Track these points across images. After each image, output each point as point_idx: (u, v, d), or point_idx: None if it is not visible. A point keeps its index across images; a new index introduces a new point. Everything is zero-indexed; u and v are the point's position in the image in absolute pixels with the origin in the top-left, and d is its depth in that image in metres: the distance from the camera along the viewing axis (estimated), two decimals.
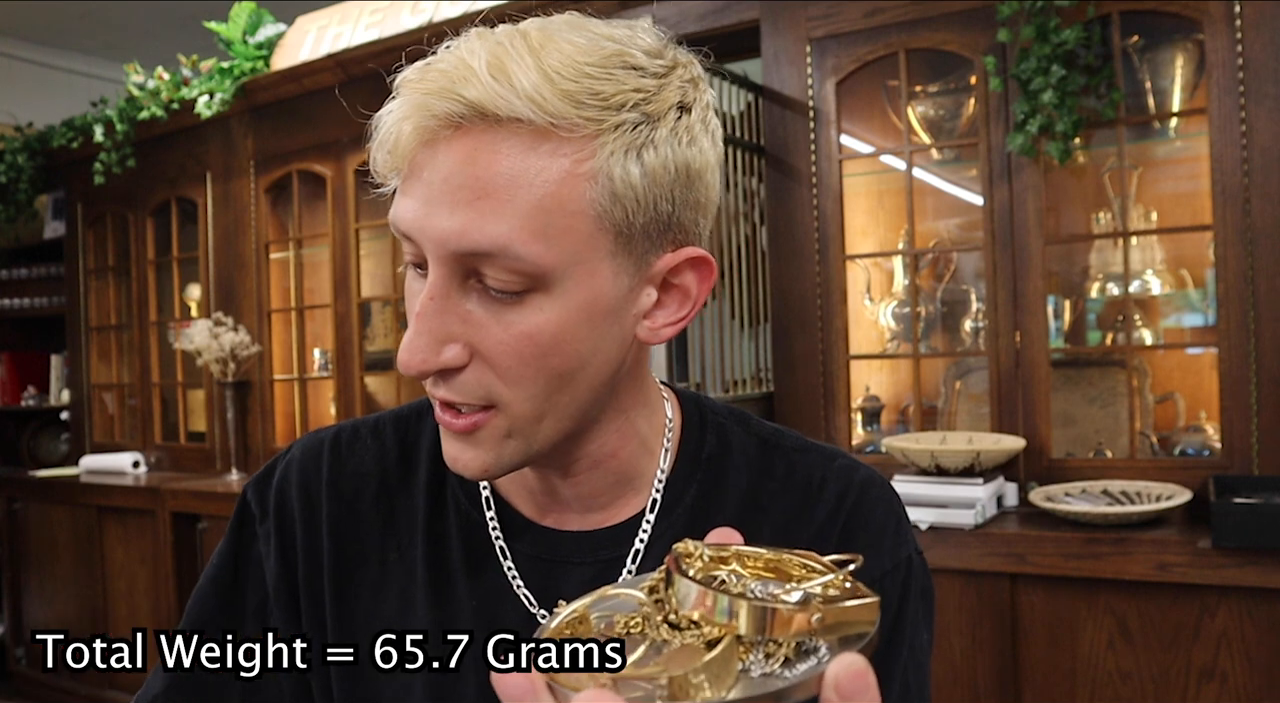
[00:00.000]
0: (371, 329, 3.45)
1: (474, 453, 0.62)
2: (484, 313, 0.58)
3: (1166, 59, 2.26)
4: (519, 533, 0.72)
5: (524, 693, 0.36)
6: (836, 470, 0.74)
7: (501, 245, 0.55)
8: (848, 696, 0.35)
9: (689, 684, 0.36)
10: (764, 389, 2.63)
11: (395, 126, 0.57)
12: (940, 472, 2.10)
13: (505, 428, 0.61)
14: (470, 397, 0.60)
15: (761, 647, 0.39)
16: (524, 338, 0.58)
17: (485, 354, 0.59)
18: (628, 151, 0.57)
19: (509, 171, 0.55)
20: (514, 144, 0.55)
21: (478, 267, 0.57)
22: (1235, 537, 1.75)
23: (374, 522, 0.74)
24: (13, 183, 4.15)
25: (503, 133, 0.55)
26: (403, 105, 0.57)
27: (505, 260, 0.56)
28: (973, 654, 1.99)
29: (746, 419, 0.77)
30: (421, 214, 0.57)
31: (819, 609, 0.38)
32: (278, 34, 3.49)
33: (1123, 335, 2.30)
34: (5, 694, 3.99)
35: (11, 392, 4.54)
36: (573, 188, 0.56)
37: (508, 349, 0.58)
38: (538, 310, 0.58)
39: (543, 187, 0.55)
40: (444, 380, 0.60)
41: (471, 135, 0.56)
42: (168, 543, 3.35)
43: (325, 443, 0.77)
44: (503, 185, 0.55)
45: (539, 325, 0.58)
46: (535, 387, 0.60)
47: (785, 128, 2.50)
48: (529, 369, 0.59)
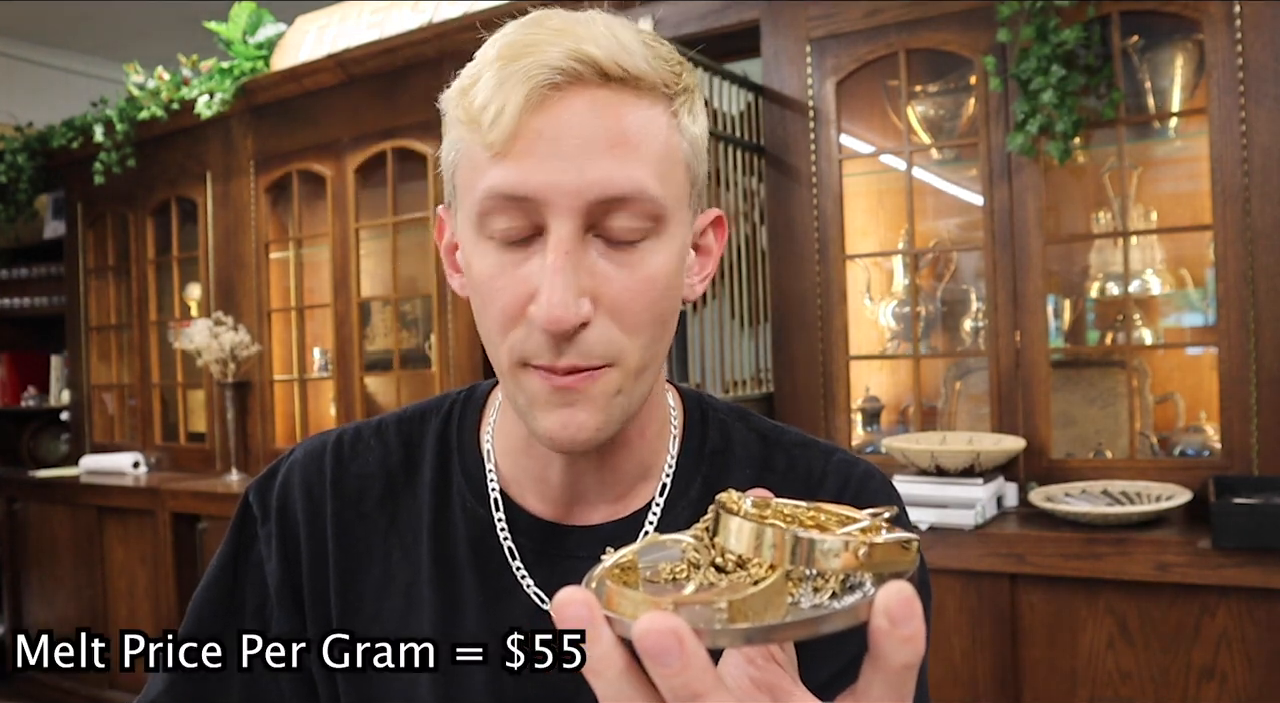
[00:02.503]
0: (371, 329, 3.45)
1: (586, 413, 0.62)
2: (607, 264, 0.61)
3: (1166, 59, 2.26)
4: (527, 530, 0.72)
5: (583, 623, 0.36)
6: (835, 464, 0.75)
7: (641, 188, 0.59)
8: (897, 620, 0.35)
9: (748, 608, 0.36)
10: (764, 389, 2.63)
11: (498, 95, 0.58)
12: (940, 472, 2.10)
13: (618, 383, 0.62)
14: (594, 356, 0.61)
15: (810, 581, 0.40)
16: (647, 281, 0.61)
17: (610, 303, 0.61)
18: (690, 113, 0.64)
19: (633, 122, 0.60)
20: (627, 98, 0.60)
21: (606, 216, 0.60)
22: (1235, 537, 1.75)
23: (378, 522, 0.74)
24: (13, 183, 4.15)
25: (615, 88, 0.59)
26: (509, 72, 0.58)
27: (640, 203, 0.60)
28: (973, 654, 1.99)
29: (747, 415, 0.79)
30: (553, 170, 0.58)
31: (864, 543, 0.38)
32: (278, 34, 3.49)
33: (1123, 335, 2.30)
34: (5, 694, 3.99)
35: (11, 392, 4.54)
36: (672, 138, 0.62)
37: (634, 295, 0.61)
38: (654, 253, 0.62)
39: (657, 134, 0.61)
40: (569, 344, 0.60)
41: (586, 93, 0.59)
42: (168, 543, 3.35)
43: (328, 445, 0.77)
44: (630, 134, 0.59)
45: (658, 267, 0.62)
46: (650, 333, 0.63)
47: (785, 128, 2.50)
48: (648, 314, 0.62)
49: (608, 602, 0.38)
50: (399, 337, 3.32)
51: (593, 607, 0.37)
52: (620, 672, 0.37)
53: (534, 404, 0.63)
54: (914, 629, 0.36)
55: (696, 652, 0.34)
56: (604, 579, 0.41)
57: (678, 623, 0.34)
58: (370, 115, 3.17)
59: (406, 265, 3.23)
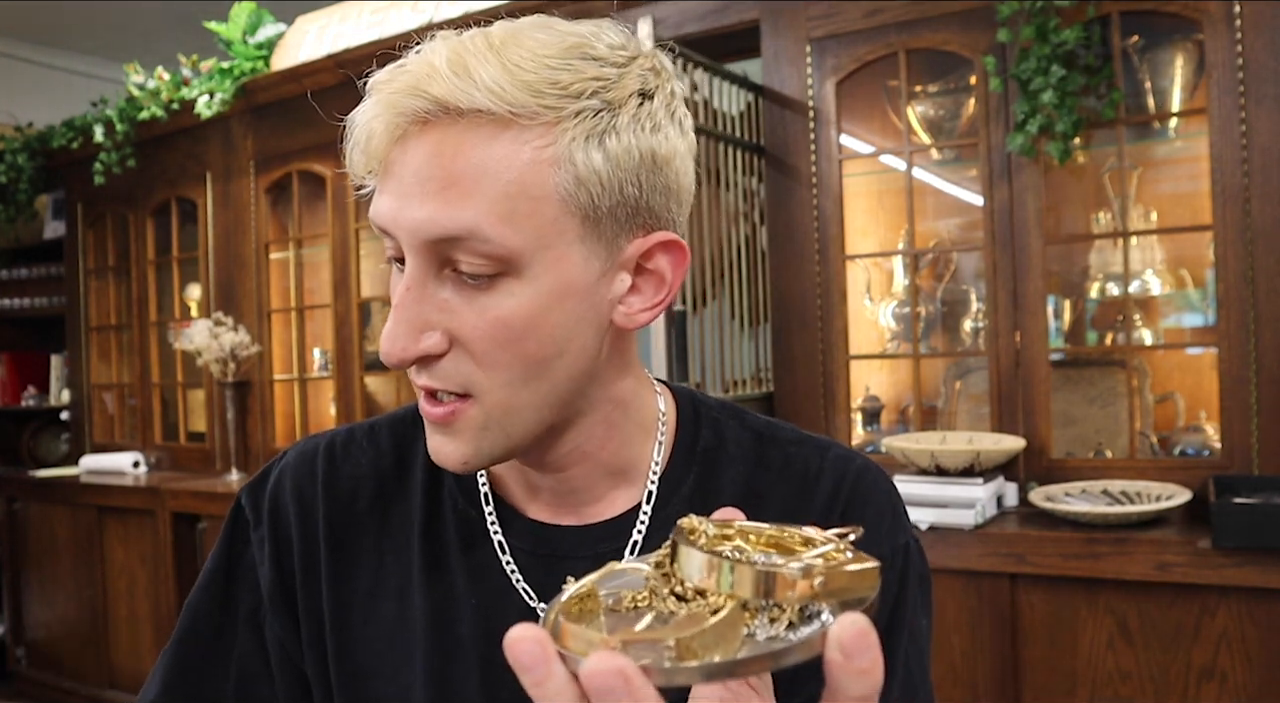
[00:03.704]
0: (371, 329, 3.45)
1: (453, 445, 0.63)
2: (459, 300, 0.60)
3: (1166, 59, 2.26)
4: (517, 529, 0.72)
5: (536, 661, 0.37)
6: (832, 460, 0.75)
7: (470, 229, 0.58)
8: (851, 654, 0.36)
9: (696, 646, 0.36)
10: (764, 389, 2.63)
11: (366, 127, 0.60)
12: (940, 472, 2.10)
13: (482, 418, 0.62)
14: (449, 384, 0.62)
15: (766, 612, 0.40)
16: (498, 322, 0.60)
17: (463, 340, 0.61)
18: (589, 138, 0.59)
19: (474, 160, 0.58)
20: (478, 135, 0.58)
21: (451, 254, 0.59)
22: (1235, 537, 1.75)
23: (370, 524, 0.75)
24: (13, 183, 4.15)
25: (466, 125, 0.58)
26: (374, 106, 0.59)
27: (475, 244, 0.58)
28: (973, 654, 1.99)
29: (741, 413, 0.78)
30: (395, 207, 0.59)
31: (821, 573, 0.38)
32: (278, 34, 3.50)
33: (1123, 335, 2.30)
34: (5, 695, 3.99)
35: (11, 392, 4.54)
36: (536, 173, 0.58)
37: (482, 334, 0.60)
38: (509, 295, 0.60)
39: (507, 173, 0.58)
40: (424, 368, 0.62)
41: (438, 129, 0.58)
42: (168, 543, 3.35)
43: (320, 448, 0.77)
44: (469, 174, 0.58)
45: (512, 309, 0.60)
46: (511, 373, 0.61)
47: (785, 128, 2.50)
48: (504, 354, 0.61)
49: (560, 638, 0.38)
50: None
51: (545, 644, 0.37)
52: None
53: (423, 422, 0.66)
54: (869, 661, 0.36)
55: (644, 690, 0.35)
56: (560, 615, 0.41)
57: (624, 663, 0.35)
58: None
59: None
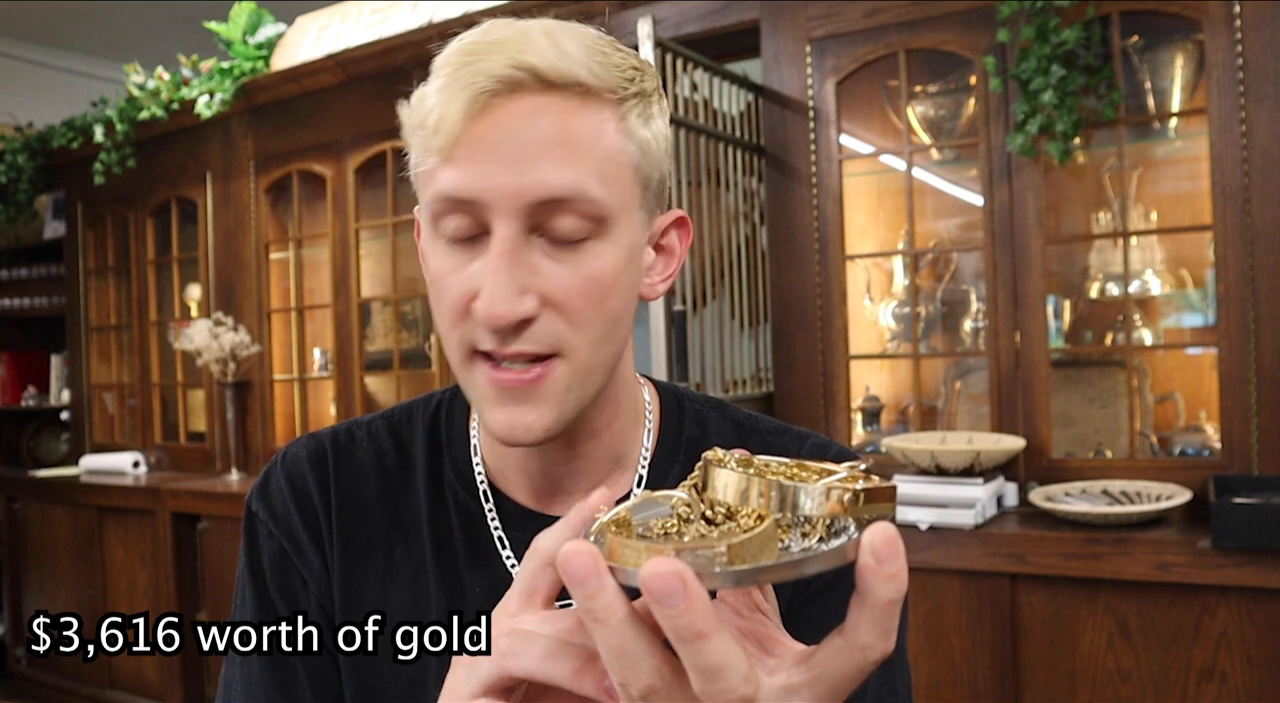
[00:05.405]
0: (371, 329, 3.45)
1: (537, 412, 0.64)
2: (549, 263, 0.63)
3: (1166, 59, 2.26)
4: (517, 522, 0.74)
5: (589, 573, 0.38)
6: (810, 449, 0.78)
7: (578, 190, 0.61)
8: (882, 559, 0.38)
9: (745, 552, 0.39)
10: (764, 389, 2.63)
11: (442, 102, 0.61)
12: (940, 472, 2.10)
13: (567, 379, 0.64)
14: (541, 345, 0.63)
15: (797, 528, 0.43)
16: (590, 280, 0.63)
17: (556, 300, 0.63)
18: (640, 117, 0.65)
19: (572, 127, 0.61)
20: (566, 104, 0.62)
21: (549, 216, 0.62)
22: (1235, 537, 1.75)
23: (379, 518, 0.76)
24: (13, 183, 4.15)
25: (556, 95, 0.61)
26: (454, 79, 0.61)
27: (580, 204, 0.61)
28: (973, 654, 1.99)
29: (722, 405, 0.82)
30: (492, 173, 0.61)
31: (847, 490, 0.41)
32: (278, 34, 3.50)
33: (1123, 335, 2.30)
34: (5, 694, 3.99)
35: (11, 392, 4.54)
36: (617, 142, 0.64)
37: (577, 292, 0.63)
38: (598, 255, 0.63)
39: (599, 138, 0.62)
40: (517, 334, 0.63)
41: (527, 99, 0.61)
42: (168, 543, 3.35)
43: (325, 444, 0.79)
44: (570, 139, 0.61)
45: (602, 268, 0.63)
46: (595, 331, 0.64)
47: (785, 128, 2.50)
48: (594, 312, 0.64)
49: (610, 553, 0.40)
50: (399, 337, 3.32)
51: (597, 558, 0.39)
52: (623, 619, 0.39)
53: (483, 399, 0.66)
54: (898, 567, 0.38)
55: (699, 594, 0.36)
56: (604, 532, 0.43)
57: (681, 566, 0.36)
58: (370, 115, 3.17)
59: (406, 265, 3.23)
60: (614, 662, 0.39)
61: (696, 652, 0.37)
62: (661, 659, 0.39)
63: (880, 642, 0.39)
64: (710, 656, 0.37)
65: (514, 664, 0.45)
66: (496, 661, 0.46)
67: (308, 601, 0.75)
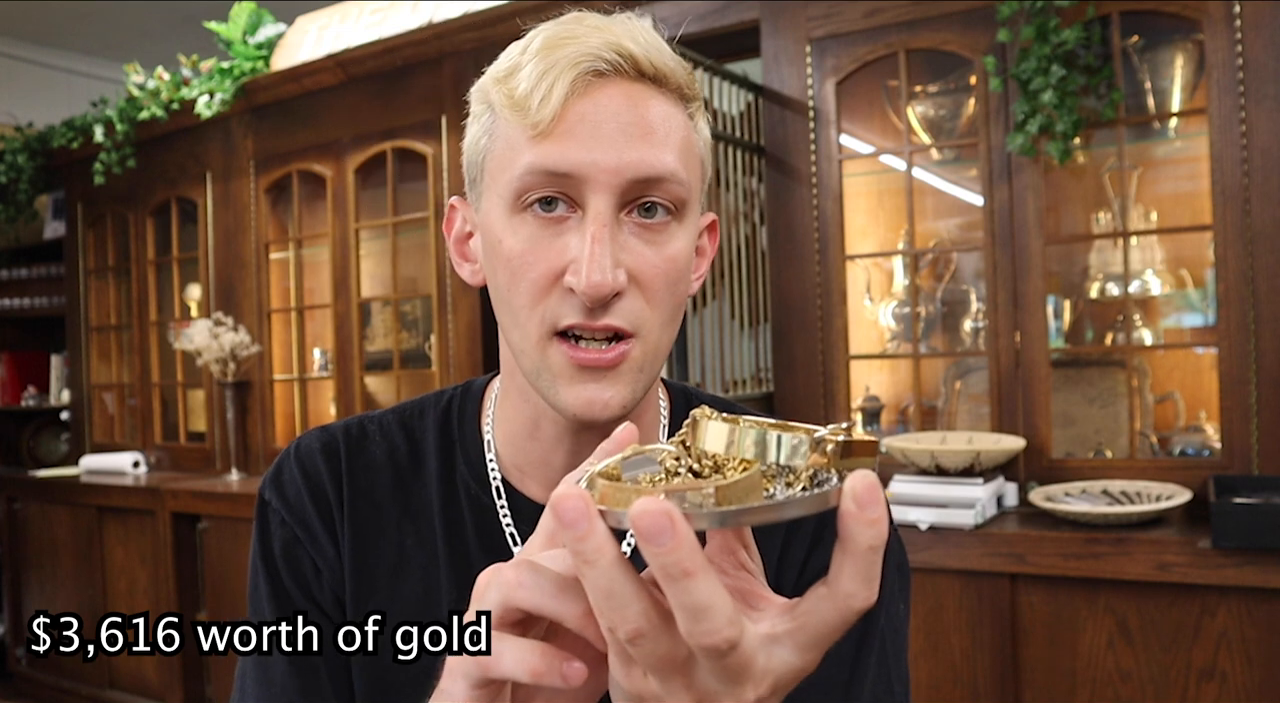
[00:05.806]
0: (371, 329, 3.45)
1: (615, 389, 0.66)
2: (636, 241, 0.66)
3: (1166, 59, 2.26)
4: (529, 517, 0.75)
5: (580, 516, 0.39)
6: None
7: (672, 170, 0.65)
8: (864, 504, 0.39)
9: (731, 494, 0.40)
10: (764, 389, 2.63)
11: (543, 81, 0.63)
12: (940, 472, 2.10)
13: (641, 359, 0.67)
14: (625, 321, 0.65)
15: (782, 478, 0.44)
16: (669, 260, 0.66)
17: (640, 278, 0.65)
18: (703, 117, 0.70)
19: (662, 113, 0.66)
20: (655, 94, 0.66)
21: (643, 194, 0.65)
22: (1235, 537, 1.75)
23: (392, 510, 0.77)
24: (13, 183, 4.15)
25: (646, 84, 0.66)
26: (556, 61, 0.63)
27: (671, 185, 0.65)
28: (973, 654, 1.99)
29: (729, 405, 0.82)
30: (593, 149, 0.63)
31: (830, 440, 0.42)
32: (278, 34, 3.49)
33: (1123, 335, 2.30)
34: (5, 694, 3.99)
35: (11, 392, 4.54)
36: (691, 135, 0.68)
37: (660, 271, 0.66)
38: (675, 237, 0.67)
39: (681, 128, 0.67)
40: (608, 308, 0.65)
41: (622, 85, 0.65)
42: (168, 543, 3.35)
43: (338, 436, 0.80)
44: (662, 125, 0.65)
45: (679, 250, 0.67)
46: (666, 312, 0.67)
47: (785, 128, 2.50)
48: (668, 293, 0.67)
49: (601, 498, 0.41)
50: (399, 337, 3.32)
51: (587, 501, 0.39)
52: (612, 561, 0.39)
53: (559, 378, 0.66)
54: (879, 513, 0.39)
55: (686, 533, 0.37)
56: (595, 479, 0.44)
57: (669, 505, 0.37)
58: (370, 115, 3.17)
59: (406, 265, 3.23)
60: (602, 604, 0.40)
61: (683, 590, 0.38)
62: (649, 603, 0.40)
63: (862, 589, 0.40)
64: (696, 595, 0.38)
65: (523, 597, 0.45)
66: (504, 591, 0.45)
67: (320, 588, 0.76)
